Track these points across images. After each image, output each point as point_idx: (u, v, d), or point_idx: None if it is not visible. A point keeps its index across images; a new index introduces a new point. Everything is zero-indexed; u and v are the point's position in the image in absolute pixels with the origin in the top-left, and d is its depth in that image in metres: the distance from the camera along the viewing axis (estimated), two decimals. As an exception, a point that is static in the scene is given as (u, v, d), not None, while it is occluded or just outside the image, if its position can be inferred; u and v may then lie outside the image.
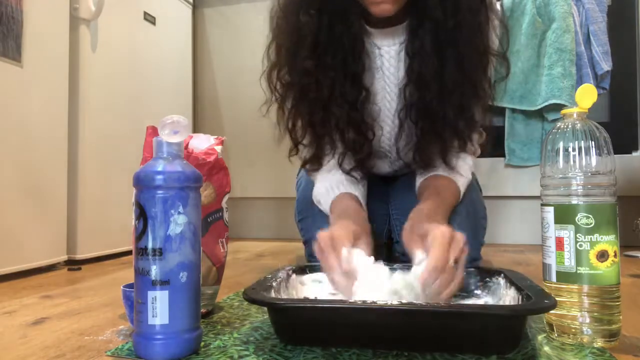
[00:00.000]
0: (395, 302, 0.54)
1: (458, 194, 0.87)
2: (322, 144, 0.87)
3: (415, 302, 0.60)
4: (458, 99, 0.79)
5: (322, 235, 0.68)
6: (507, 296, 0.63)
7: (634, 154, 1.68)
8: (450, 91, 0.78)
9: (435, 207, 0.78)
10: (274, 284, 0.65)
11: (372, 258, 0.67)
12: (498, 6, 0.84)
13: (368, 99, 0.86)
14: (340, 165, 0.88)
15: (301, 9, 0.80)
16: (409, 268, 0.67)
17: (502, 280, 0.67)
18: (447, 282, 0.60)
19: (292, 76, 0.83)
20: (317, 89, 0.81)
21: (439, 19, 0.75)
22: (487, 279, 0.70)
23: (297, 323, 0.57)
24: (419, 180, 0.91)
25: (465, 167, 0.89)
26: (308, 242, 1.03)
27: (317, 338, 0.57)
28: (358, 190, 0.88)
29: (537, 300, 0.53)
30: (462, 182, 0.87)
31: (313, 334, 0.57)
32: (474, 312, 0.53)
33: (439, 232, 0.63)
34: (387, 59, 0.86)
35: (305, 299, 0.67)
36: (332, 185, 0.89)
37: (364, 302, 0.54)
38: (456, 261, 0.61)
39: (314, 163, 0.89)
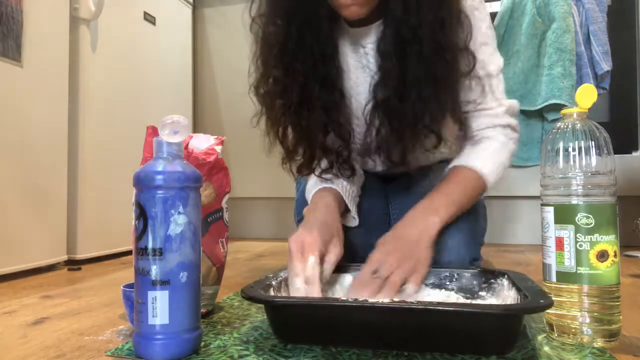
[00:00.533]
0: (387, 300, 0.54)
1: (476, 177, 0.84)
2: (308, 150, 0.88)
3: (409, 300, 0.60)
4: (421, 96, 0.79)
5: (294, 240, 0.71)
6: (509, 297, 0.63)
7: (634, 154, 1.68)
8: (412, 88, 0.78)
9: (425, 209, 0.79)
10: (273, 282, 0.66)
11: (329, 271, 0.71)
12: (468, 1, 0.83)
13: (343, 100, 0.86)
14: (325, 169, 0.89)
15: (270, 19, 0.82)
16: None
17: (505, 282, 0.67)
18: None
19: (265, 85, 0.85)
20: (285, 95, 0.83)
21: (400, 17, 0.76)
22: (492, 280, 0.70)
23: (291, 320, 0.58)
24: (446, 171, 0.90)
25: (477, 154, 0.87)
26: None
27: (312, 336, 0.57)
28: (341, 184, 0.88)
29: (532, 300, 0.53)
30: (485, 171, 0.85)
31: (308, 331, 0.57)
32: (468, 311, 0.53)
33: (375, 252, 0.70)
34: (373, 56, 0.86)
35: (302, 297, 0.68)
36: (317, 180, 0.90)
37: (357, 300, 0.55)
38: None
39: (305, 169, 0.90)
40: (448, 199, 0.80)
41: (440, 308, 0.53)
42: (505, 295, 0.66)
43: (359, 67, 0.88)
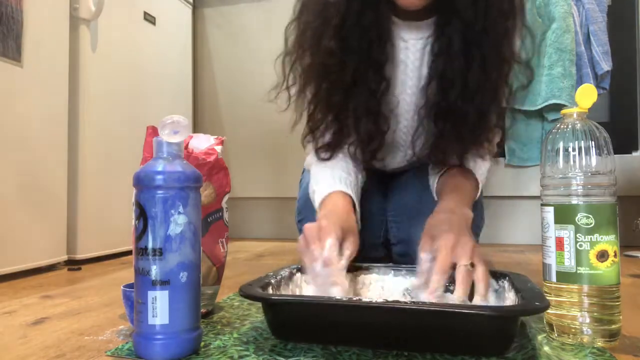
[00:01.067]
0: (383, 300, 0.54)
1: (477, 188, 0.86)
2: (339, 132, 0.85)
3: (401, 300, 0.60)
4: (479, 102, 0.78)
5: (309, 226, 0.67)
6: (508, 299, 0.63)
7: (634, 154, 1.68)
8: (473, 93, 0.77)
9: (457, 203, 0.77)
10: (272, 281, 0.66)
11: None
12: (526, 13, 0.83)
13: (388, 90, 0.84)
14: (350, 153, 0.87)
15: None
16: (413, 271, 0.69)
17: (506, 283, 0.67)
18: (439, 283, 0.61)
19: (315, 57, 0.81)
20: (339, 71, 0.80)
21: (469, 19, 0.74)
22: (494, 282, 0.70)
23: (288, 318, 0.58)
24: (434, 178, 0.89)
25: (482, 171, 0.88)
26: None
27: (309, 334, 0.57)
28: (355, 193, 0.86)
29: (527, 302, 0.52)
30: (480, 179, 0.87)
31: (305, 330, 0.57)
32: (462, 312, 0.52)
33: (443, 240, 0.64)
34: (413, 52, 0.85)
35: (300, 295, 0.68)
36: (332, 178, 0.86)
37: (353, 299, 0.55)
38: (472, 265, 0.61)
39: (327, 151, 0.87)
40: (469, 201, 0.82)
41: (435, 309, 0.53)
42: (505, 297, 0.66)
43: (397, 61, 0.86)
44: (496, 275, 0.70)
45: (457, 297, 0.60)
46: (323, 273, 0.62)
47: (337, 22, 0.78)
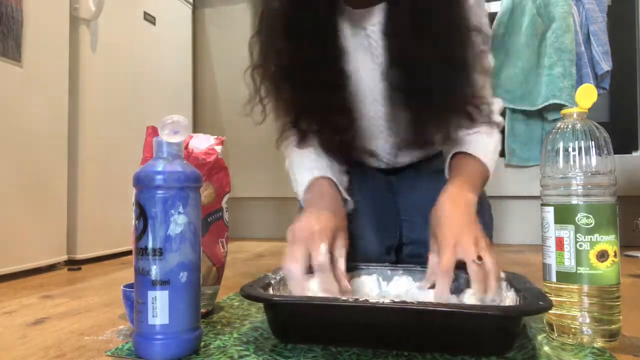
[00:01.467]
0: (387, 300, 0.54)
1: (484, 169, 0.84)
2: (307, 129, 0.86)
3: (407, 300, 0.60)
4: (442, 77, 0.78)
5: (299, 227, 0.67)
6: (507, 298, 0.63)
7: (634, 154, 1.68)
8: (430, 70, 0.77)
9: (459, 188, 0.76)
10: (272, 281, 0.65)
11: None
12: None
13: (348, 82, 0.85)
14: (328, 150, 0.87)
15: None
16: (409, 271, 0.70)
17: (503, 283, 0.67)
18: (444, 286, 0.61)
19: (275, 62, 0.83)
20: (297, 71, 0.81)
21: None
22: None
23: (290, 319, 0.58)
24: (446, 164, 0.88)
25: (482, 144, 0.86)
26: None
27: (311, 335, 0.57)
28: (340, 180, 0.85)
29: (530, 302, 0.53)
30: (487, 159, 0.84)
31: (307, 331, 0.57)
32: (465, 313, 0.52)
33: (444, 238, 0.64)
34: (375, 39, 0.85)
35: (302, 296, 0.67)
36: (315, 161, 0.84)
37: (357, 299, 0.54)
38: (480, 258, 0.61)
39: (302, 144, 0.86)
40: (474, 183, 0.80)
41: (436, 309, 0.52)
42: (503, 296, 0.66)
43: (361, 49, 0.87)
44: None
45: (474, 295, 0.60)
46: (299, 279, 0.62)
47: (281, 26, 0.79)
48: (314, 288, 0.62)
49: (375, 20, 0.85)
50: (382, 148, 0.96)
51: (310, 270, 0.64)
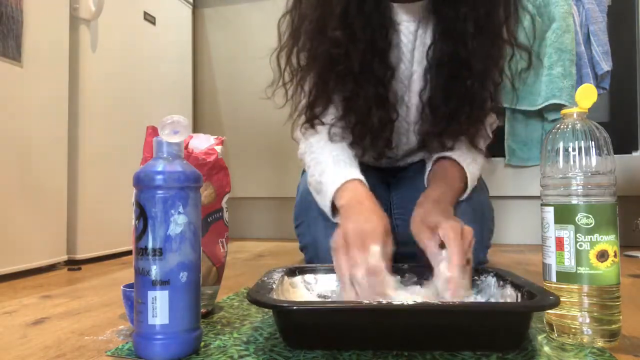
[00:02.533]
0: (409, 302, 0.53)
1: (465, 179, 0.85)
2: (344, 121, 0.84)
3: (430, 301, 0.60)
4: (475, 85, 0.78)
5: (351, 228, 0.64)
6: (507, 296, 0.63)
7: (634, 154, 1.68)
8: (468, 77, 0.77)
9: (442, 194, 0.77)
10: (273, 286, 0.65)
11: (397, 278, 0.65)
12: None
13: (394, 77, 0.84)
14: (363, 145, 0.85)
15: None
16: (415, 269, 0.70)
17: (492, 279, 0.67)
18: (461, 283, 0.61)
19: (317, 48, 0.80)
20: (346, 60, 0.78)
21: (472, 3, 0.75)
22: (476, 278, 0.70)
23: (303, 325, 0.55)
24: (428, 165, 0.89)
25: (473, 168, 0.87)
26: (305, 248, 1.00)
27: (323, 340, 0.55)
28: (365, 180, 0.82)
29: (542, 298, 0.53)
30: (470, 170, 0.85)
31: (319, 336, 0.55)
32: (482, 310, 0.53)
33: (450, 228, 0.63)
34: (406, 35, 0.84)
35: (312, 301, 0.67)
36: (342, 163, 0.80)
37: (362, 302, 0.54)
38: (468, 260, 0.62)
39: (339, 137, 0.83)
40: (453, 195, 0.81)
41: (454, 308, 0.53)
42: (493, 292, 0.66)
43: (393, 45, 0.85)
44: (478, 271, 0.70)
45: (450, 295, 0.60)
46: (368, 283, 0.59)
47: (339, 11, 0.76)
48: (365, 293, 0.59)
49: (411, 17, 0.83)
50: (402, 149, 0.96)
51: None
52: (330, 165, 0.80)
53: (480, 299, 0.67)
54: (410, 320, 0.54)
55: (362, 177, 0.79)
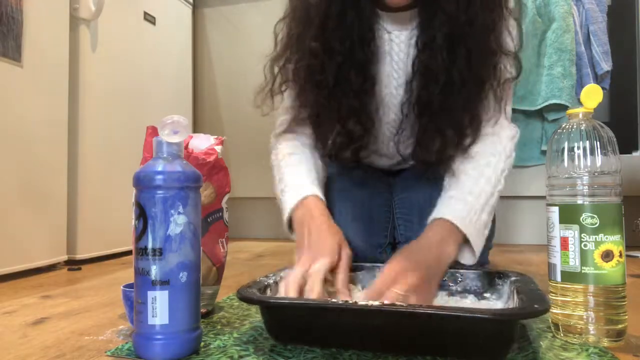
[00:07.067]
0: (376, 303, 0.52)
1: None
2: (319, 131, 0.85)
3: (401, 303, 0.59)
4: (464, 97, 0.77)
5: (304, 245, 0.68)
6: (511, 300, 0.62)
7: (634, 154, 1.68)
8: (457, 88, 0.76)
9: (443, 236, 0.73)
10: (271, 282, 0.65)
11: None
12: (512, 3, 0.81)
13: (372, 88, 0.84)
14: (335, 153, 0.85)
15: None
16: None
17: (507, 284, 0.67)
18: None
19: (299, 58, 0.81)
20: (321, 72, 0.79)
21: (452, 11, 0.73)
22: (497, 280, 0.69)
23: (284, 321, 0.57)
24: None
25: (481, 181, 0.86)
26: None
27: (305, 337, 0.56)
28: (323, 194, 0.82)
29: (526, 306, 0.51)
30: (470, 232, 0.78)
31: (300, 332, 0.57)
32: (456, 315, 0.49)
33: (388, 269, 0.64)
34: (397, 44, 0.84)
35: (297, 298, 0.67)
36: (305, 177, 0.82)
37: (346, 302, 0.54)
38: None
39: (317, 150, 0.86)
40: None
41: (435, 312, 0.50)
42: (504, 295, 0.66)
43: (382, 53, 0.85)
44: (499, 274, 0.70)
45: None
46: (291, 287, 0.62)
47: (317, 22, 0.77)
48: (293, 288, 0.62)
49: (404, 27, 0.83)
50: (383, 159, 0.96)
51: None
52: (289, 184, 0.82)
53: (500, 305, 0.66)
54: (374, 321, 0.53)
55: (317, 192, 0.79)
